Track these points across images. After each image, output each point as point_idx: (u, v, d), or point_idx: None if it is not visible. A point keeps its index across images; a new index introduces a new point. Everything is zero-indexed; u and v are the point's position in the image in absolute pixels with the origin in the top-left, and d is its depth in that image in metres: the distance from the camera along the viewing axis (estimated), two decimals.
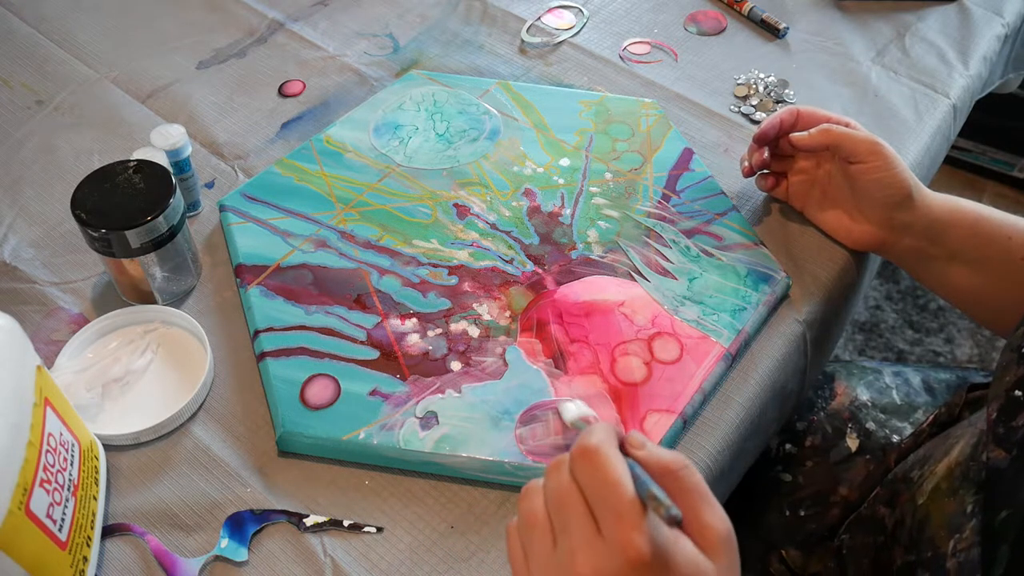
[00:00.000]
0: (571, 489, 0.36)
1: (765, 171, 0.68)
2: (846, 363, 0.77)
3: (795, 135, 0.63)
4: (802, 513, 0.68)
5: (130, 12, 0.87)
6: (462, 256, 0.64)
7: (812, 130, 0.62)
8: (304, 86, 0.79)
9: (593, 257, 0.64)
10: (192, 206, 0.68)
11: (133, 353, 0.58)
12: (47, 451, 0.44)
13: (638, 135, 0.73)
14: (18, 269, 0.64)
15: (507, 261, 0.63)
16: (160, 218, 0.56)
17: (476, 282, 0.62)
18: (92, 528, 0.49)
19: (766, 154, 0.66)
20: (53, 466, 0.45)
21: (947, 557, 0.47)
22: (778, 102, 0.78)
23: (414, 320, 0.60)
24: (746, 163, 0.67)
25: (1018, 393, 0.45)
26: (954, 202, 0.61)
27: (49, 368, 0.54)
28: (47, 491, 0.44)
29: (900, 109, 0.79)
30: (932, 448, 0.57)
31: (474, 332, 0.59)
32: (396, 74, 0.81)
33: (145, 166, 0.59)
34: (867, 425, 0.70)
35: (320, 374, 0.56)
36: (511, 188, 0.69)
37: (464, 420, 0.54)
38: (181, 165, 0.65)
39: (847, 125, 0.62)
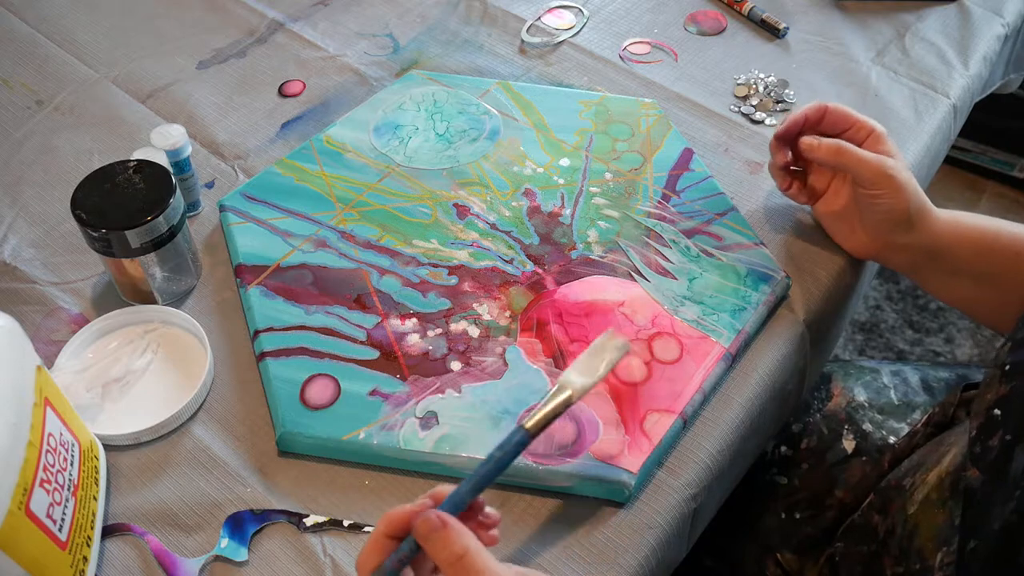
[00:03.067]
0: None
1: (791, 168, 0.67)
2: (844, 363, 0.77)
3: (805, 140, 0.62)
4: (798, 516, 0.67)
5: (130, 12, 0.87)
6: (462, 256, 0.64)
7: (824, 142, 0.61)
8: (304, 86, 0.79)
9: (593, 257, 0.64)
10: (192, 206, 0.68)
11: (133, 353, 0.58)
12: (47, 451, 0.44)
13: (638, 135, 0.73)
14: (18, 269, 0.64)
15: (507, 261, 0.63)
16: (160, 218, 0.56)
17: (476, 282, 0.62)
18: (92, 528, 0.49)
19: (789, 154, 0.65)
20: (53, 466, 0.45)
21: (934, 570, 0.47)
22: (778, 102, 0.78)
23: (414, 320, 0.60)
24: (779, 173, 0.65)
25: (997, 412, 0.45)
26: (958, 222, 0.60)
27: (49, 368, 0.54)
28: (47, 491, 0.44)
29: (900, 109, 0.79)
30: (925, 455, 0.57)
31: (474, 332, 0.59)
32: (396, 74, 0.81)
33: (145, 166, 0.59)
34: (864, 426, 0.69)
35: (320, 374, 0.56)
36: (511, 188, 0.69)
37: (464, 420, 0.54)
38: (181, 165, 0.65)
39: (870, 133, 0.61)
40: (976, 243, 0.60)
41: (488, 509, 0.44)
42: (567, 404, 0.45)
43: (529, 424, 0.44)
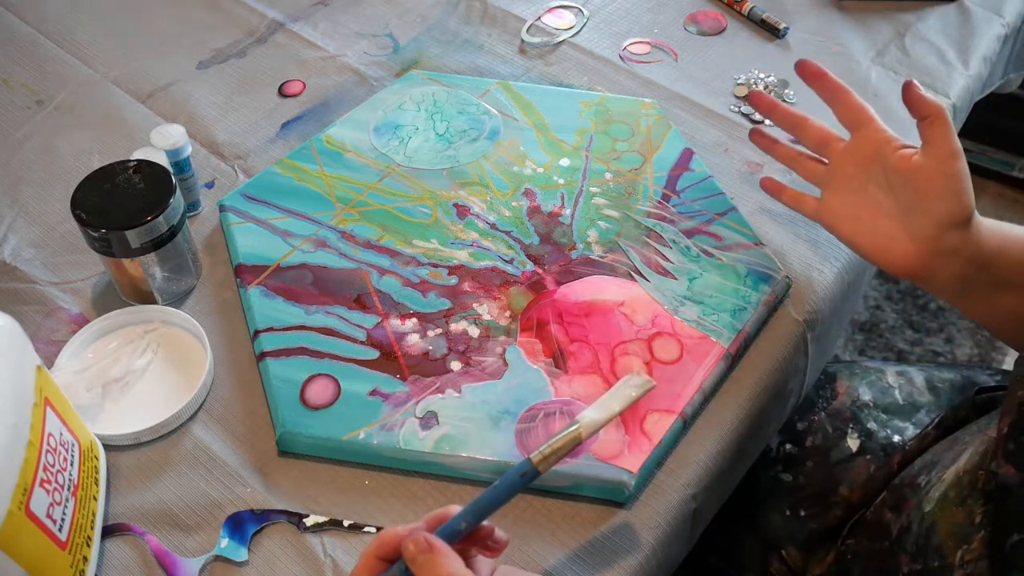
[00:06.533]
0: None
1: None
2: (848, 363, 0.77)
3: (915, 84, 0.56)
4: (803, 513, 0.67)
5: (130, 12, 0.87)
6: (462, 256, 0.64)
7: (929, 96, 0.56)
8: (304, 86, 0.79)
9: (593, 257, 0.64)
10: (192, 206, 0.68)
11: (133, 353, 0.58)
12: (47, 451, 0.44)
13: (638, 135, 0.73)
14: (18, 269, 0.64)
15: (507, 261, 0.63)
16: (160, 218, 0.56)
17: (476, 282, 0.62)
18: (92, 528, 0.49)
19: (803, 149, 0.62)
20: (53, 466, 0.45)
21: (955, 568, 0.47)
22: None
23: (414, 320, 0.60)
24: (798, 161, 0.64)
25: None
26: (1000, 227, 0.55)
27: (49, 368, 0.54)
28: (47, 491, 0.44)
29: (900, 109, 0.78)
30: (939, 453, 0.57)
31: (474, 332, 0.59)
32: (396, 74, 0.81)
33: (145, 166, 0.59)
34: (868, 425, 0.69)
35: (320, 374, 0.56)
36: (511, 188, 0.69)
37: (464, 420, 0.54)
38: (181, 165, 0.65)
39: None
40: (1020, 248, 0.55)
41: (498, 533, 0.44)
42: (576, 441, 0.44)
43: (536, 459, 0.44)
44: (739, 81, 0.81)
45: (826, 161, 0.62)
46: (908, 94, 0.55)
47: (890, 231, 0.57)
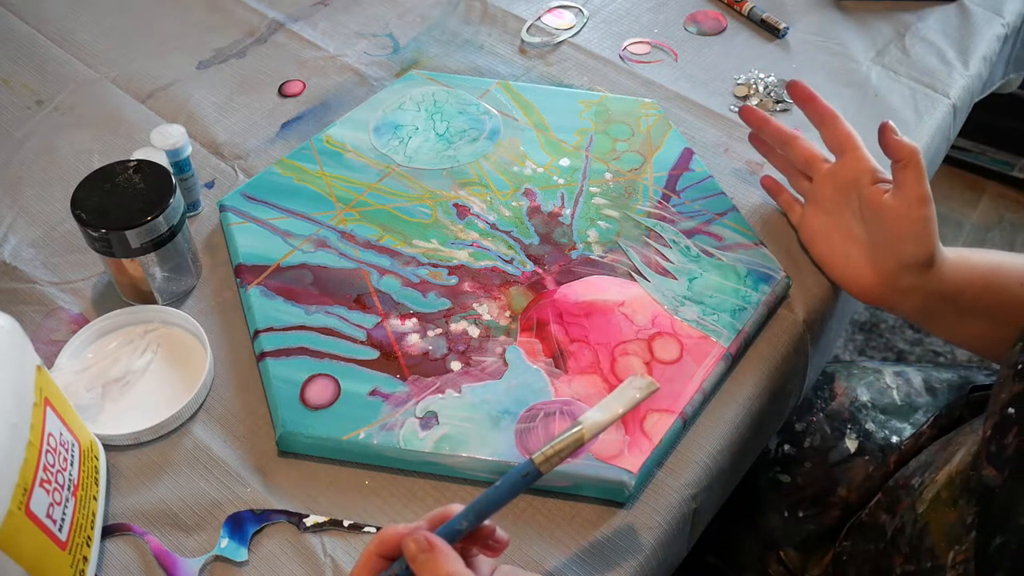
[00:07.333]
0: None
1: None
2: (847, 363, 0.77)
3: (891, 125, 0.57)
4: (801, 514, 0.68)
5: (130, 12, 0.87)
6: (462, 256, 0.64)
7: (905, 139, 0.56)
8: (304, 86, 0.79)
9: (593, 257, 0.64)
10: (192, 206, 0.68)
11: (133, 353, 0.58)
12: (47, 451, 0.44)
13: (638, 135, 0.73)
14: (18, 269, 0.64)
15: (507, 261, 0.63)
16: (160, 218, 0.56)
17: (476, 282, 0.62)
18: (92, 528, 0.49)
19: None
20: (53, 466, 0.45)
21: (947, 568, 0.47)
22: (778, 102, 0.78)
23: (414, 320, 0.60)
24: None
25: (1011, 411, 0.45)
26: (965, 260, 0.57)
27: (49, 368, 0.54)
28: (47, 491, 0.44)
29: (900, 109, 0.78)
30: (933, 454, 0.57)
31: (474, 332, 0.59)
32: (396, 74, 0.81)
33: (145, 166, 0.59)
34: (867, 426, 0.69)
35: (320, 374, 0.56)
36: (511, 188, 0.69)
37: (464, 420, 0.54)
38: (181, 165, 0.65)
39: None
40: (982, 279, 0.57)
41: (499, 533, 0.44)
42: (578, 443, 0.44)
43: (539, 460, 0.43)
44: (739, 81, 0.81)
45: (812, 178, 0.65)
46: (883, 137, 0.57)
47: (858, 259, 0.60)
